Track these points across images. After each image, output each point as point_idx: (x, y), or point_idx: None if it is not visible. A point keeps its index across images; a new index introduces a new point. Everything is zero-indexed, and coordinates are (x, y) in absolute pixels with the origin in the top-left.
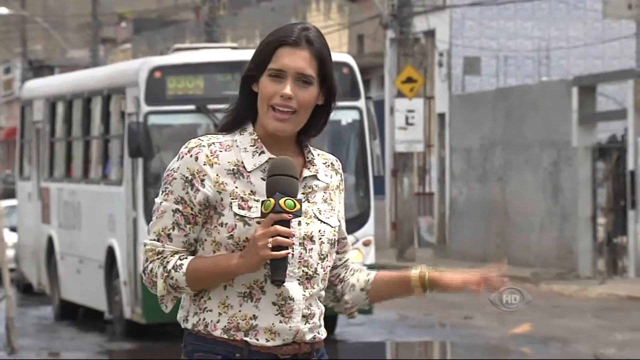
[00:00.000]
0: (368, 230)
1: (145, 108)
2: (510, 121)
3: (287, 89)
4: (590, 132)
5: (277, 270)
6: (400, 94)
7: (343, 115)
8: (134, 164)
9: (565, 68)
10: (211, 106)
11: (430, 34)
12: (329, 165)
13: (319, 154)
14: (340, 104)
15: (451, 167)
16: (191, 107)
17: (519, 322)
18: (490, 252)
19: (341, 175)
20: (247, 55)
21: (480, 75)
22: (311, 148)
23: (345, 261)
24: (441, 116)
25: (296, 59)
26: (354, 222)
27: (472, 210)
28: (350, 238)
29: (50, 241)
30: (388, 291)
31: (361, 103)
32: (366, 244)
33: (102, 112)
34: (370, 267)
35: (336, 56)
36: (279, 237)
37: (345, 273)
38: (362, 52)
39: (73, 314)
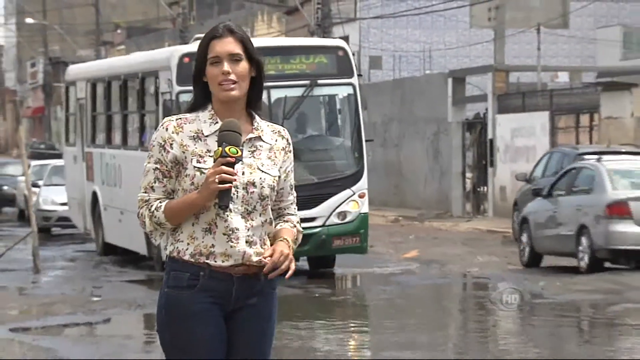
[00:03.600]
0: (362, 185)
1: (177, 88)
2: (403, 103)
3: (225, 67)
4: (461, 111)
5: (222, 198)
6: None
7: (339, 90)
8: None
9: (443, 64)
10: None
11: (345, 38)
12: (275, 132)
13: (268, 125)
14: (337, 80)
15: None
16: None
17: (409, 249)
18: (388, 199)
19: (287, 141)
20: (261, 43)
21: (381, 69)
22: (260, 119)
23: (279, 209)
24: None
25: (225, 45)
26: (351, 179)
27: (376, 168)
28: (347, 192)
29: (94, 195)
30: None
31: (354, 80)
32: (361, 196)
33: (139, 92)
34: (363, 215)
35: (333, 41)
36: (223, 174)
37: (276, 219)
38: None
39: (114, 253)
